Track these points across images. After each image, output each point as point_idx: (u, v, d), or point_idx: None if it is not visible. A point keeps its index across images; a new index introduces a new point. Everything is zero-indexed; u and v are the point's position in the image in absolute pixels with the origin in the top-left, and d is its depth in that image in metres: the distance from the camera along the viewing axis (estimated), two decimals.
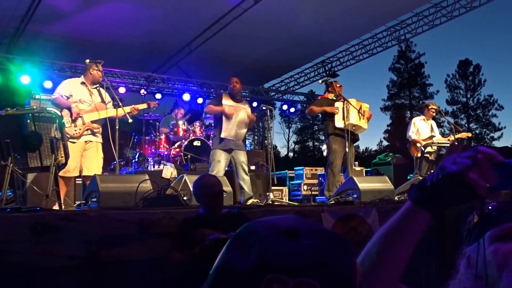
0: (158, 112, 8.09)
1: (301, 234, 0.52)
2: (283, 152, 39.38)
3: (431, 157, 6.54)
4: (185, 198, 3.91)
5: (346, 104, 5.56)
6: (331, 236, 0.54)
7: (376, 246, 0.77)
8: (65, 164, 3.77)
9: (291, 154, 39.38)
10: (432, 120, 6.86)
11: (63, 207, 3.70)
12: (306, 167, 8.38)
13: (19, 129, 3.58)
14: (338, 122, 5.54)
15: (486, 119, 34.18)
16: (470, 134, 7.40)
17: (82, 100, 4.69)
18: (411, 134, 6.68)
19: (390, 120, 36.18)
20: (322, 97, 6.13)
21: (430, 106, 6.87)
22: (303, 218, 0.56)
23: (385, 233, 0.77)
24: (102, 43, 8.41)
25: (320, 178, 7.68)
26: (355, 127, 5.65)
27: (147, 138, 7.58)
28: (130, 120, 4.84)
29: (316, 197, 7.50)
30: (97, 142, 4.72)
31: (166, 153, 7.37)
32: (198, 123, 7.81)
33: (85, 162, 4.61)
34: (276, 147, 36.00)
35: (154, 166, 7.01)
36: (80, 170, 4.57)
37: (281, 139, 45.36)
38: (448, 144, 6.46)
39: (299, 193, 8.05)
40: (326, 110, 5.66)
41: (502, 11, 52.78)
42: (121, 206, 3.33)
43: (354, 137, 5.66)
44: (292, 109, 12.76)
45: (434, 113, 6.79)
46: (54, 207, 3.63)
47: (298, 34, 8.65)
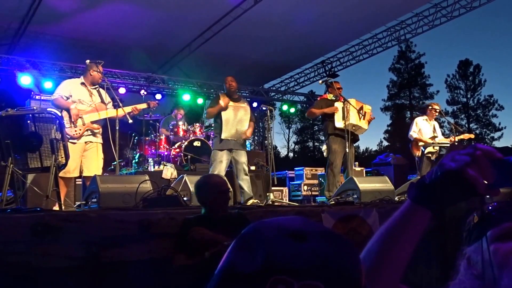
0: (158, 112, 8.09)
1: (307, 236, 0.52)
2: (283, 152, 39.44)
3: (433, 157, 6.52)
4: (185, 199, 3.91)
5: (345, 104, 5.56)
6: (337, 238, 0.54)
7: (376, 245, 0.77)
8: (65, 164, 3.77)
9: (291, 155, 39.43)
10: (434, 121, 6.83)
11: (63, 208, 3.71)
12: (306, 168, 8.39)
13: (20, 129, 3.58)
14: (338, 122, 5.53)
15: (486, 119, 34.19)
16: (472, 136, 7.36)
17: (82, 100, 4.69)
18: (413, 133, 6.66)
19: (390, 120, 36.24)
20: (322, 97, 6.12)
21: (432, 106, 6.83)
22: (309, 220, 0.56)
23: (385, 232, 0.77)
24: (102, 44, 8.42)
25: (320, 179, 7.68)
26: (355, 127, 5.64)
27: (147, 138, 7.59)
28: (130, 120, 4.84)
29: (316, 197, 7.51)
30: (97, 143, 4.72)
31: (166, 153, 7.38)
32: (198, 124, 7.82)
33: (85, 162, 4.61)
34: (276, 148, 36.04)
35: (154, 167, 7.00)
36: (80, 170, 4.57)
37: (281, 140, 45.44)
38: (448, 144, 6.46)
39: (299, 193, 8.05)
40: (326, 111, 5.66)
41: (502, 11, 52.82)
42: (121, 206, 3.33)
43: (354, 137, 5.66)
44: (292, 109, 12.76)
45: (436, 113, 6.75)
46: (54, 208, 3.63)
47: (298, 34, 8.65)
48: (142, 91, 8.14)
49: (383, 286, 0.75)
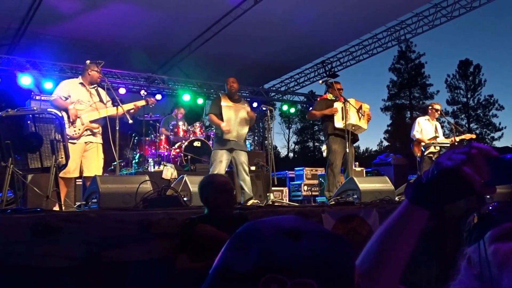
0: (158, 112, 8.10)
1: (300, 234, 0.52)
2: (283, 152, 39.44)
3: (434, 157, 6.51)
4: (185, 199, 3.91)
5: (345, 104, 5.56)
6: (331, 236, 0.54)
7: (375, 246, 0.77)
8: (65, 165, 3.77)
9: (291, 155, 39.43)
10: (436, 121, 6.82)
11: (64, 208, 3.70)
12: (306, 168, 8.40)
13: (20, 130, 3.58)
14: (337, 122, 5.54)
15: (486, 119, 34.19)
16: (474, 136, 7.34)
17: (81, 100, 4.70)
18: (415, 133, 6.64)
19: (390, 120, 36.24)
20: (322, 98, 6.12)
21: (432, 106, 6.82)
22: (303, 219, 0.56)
23: (383, 232, 0.77)
24: (102, 44, 8.43)
25: (320, 179, 7.68)
26: (355, 127, 5.64)
27: (147, 139, 7.59)
28: (130, 121, 4.84)
29: (316, 197, 7.51)
30: (97, 143, 4.73)
31: (166, 153, 7.38)
32: (198, 124, 7.82)
33: (85, 163, 4.61)
34: (276, 148, 36.05)
35: (154, 167, 7.01)
36: (80, 171, 4.57)
37: (281, 140, 45.48)
38: (449, 144, 6.45)
39: (300, 193, 8.05)
40: (326, 113, 5.67)
41: (502, 11, 52.82)
42: (121, 207, 3.33)
43: (353, 137, 5.66)
44: (292, 109, 12.76)
45: (437, 113, 6.73)
46: (55, 208, 3.63)
47: (298, 34, 8.65)
48: (142, 91, 8.15)
49: (383, 287, 0.75)
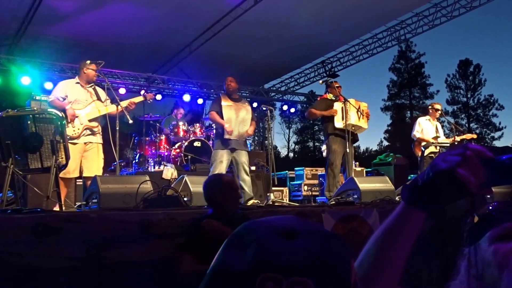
0: (158, 113, 8.10)
1: (297, 234, 0.52)
2: (284, 152, 39.43)
3: (435, 157, 6.50)
4: (185, 199, 3.92)
5: (345, 104, 5.56)
6: (327, 235, 0.54)
7: (373, 247, 0.77)
8: (65, 165, 3.77)
9: (292, 155, 39.43)
10: (437, 121, 6.82)
11: (64, 208, 3.71)
12: (306, 168, 8.39)
13: (20, 130, 3.58)
14: (337, 122, 5.54)
15: (486, 119, 34.18)
16: (475, 136, 7.33)
17: (78, 100, 4.73)
18: (416, 133, 6.64)
19: (390, 120, 36.24)
20: (322, 97, 6.12)
21: (433, 106, 6.81)
22: (300, 218, 0.56)
23: (381, 234, 0.77)
24: (102, 44, 8.42)
25: (320, 179, 7.68)
26: (355, 127, 5.65)
27: (148, 139, 7.59)
28: (130, 121, 4.85)
29: (316, 197, 7.50)
30: (97, 143, 4.73)
31: (166, 154, 7.38)
32: (198, 124, 7.82)
33: (85, 163, 4.62)
34: (276, 148, 36.05)
35: (155, 167, 7.01)
36: (80, 171, 4.58)
37: (281, 140, 45.47)
38: (449, 144, 6.45)
39: (300, 193, 8.05)
40: (325, 114, 5.67)
41: (502, 11, 52.81)
42: (121, 207, 3.33)
43: (353, 137, 5.67)
44: (292, 109, 12.76)
45: (438, 113, 6.72)
46: (55, 208, 3.63)
47: (298, 34, 8.65)
48: (142, 92, 8.15)
49: None
